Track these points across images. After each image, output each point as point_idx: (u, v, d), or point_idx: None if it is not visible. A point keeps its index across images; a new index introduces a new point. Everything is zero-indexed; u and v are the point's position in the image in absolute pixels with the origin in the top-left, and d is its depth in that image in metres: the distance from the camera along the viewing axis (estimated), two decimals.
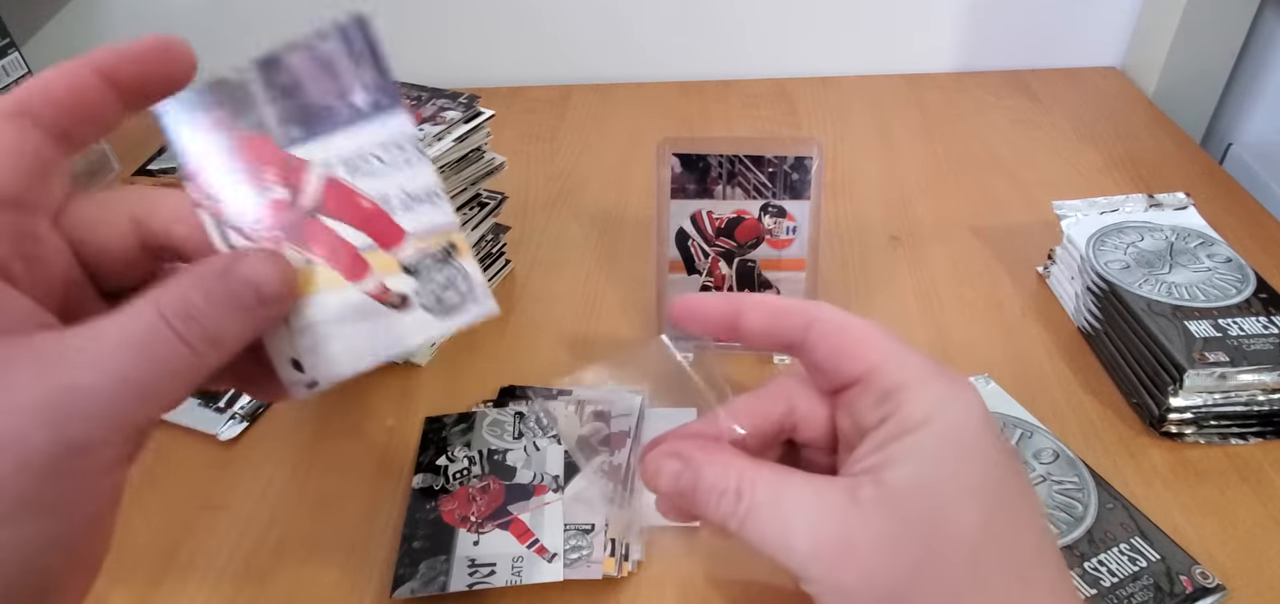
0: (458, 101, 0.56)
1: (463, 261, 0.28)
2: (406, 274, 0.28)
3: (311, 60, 0.28)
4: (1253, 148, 0.78)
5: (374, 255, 0.27)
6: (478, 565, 0.40)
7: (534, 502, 0.42)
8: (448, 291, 0.28)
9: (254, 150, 0.27)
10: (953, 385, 0.26)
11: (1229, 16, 0.77)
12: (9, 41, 0.70)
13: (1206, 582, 0.38)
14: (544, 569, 0.39)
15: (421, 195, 0.27)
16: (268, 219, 0.27)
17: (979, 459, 0.25)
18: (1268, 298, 0.48)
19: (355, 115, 0.27)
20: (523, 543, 0.40)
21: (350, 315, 0.28)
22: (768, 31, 0.88)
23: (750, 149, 0.49)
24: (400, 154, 0.27)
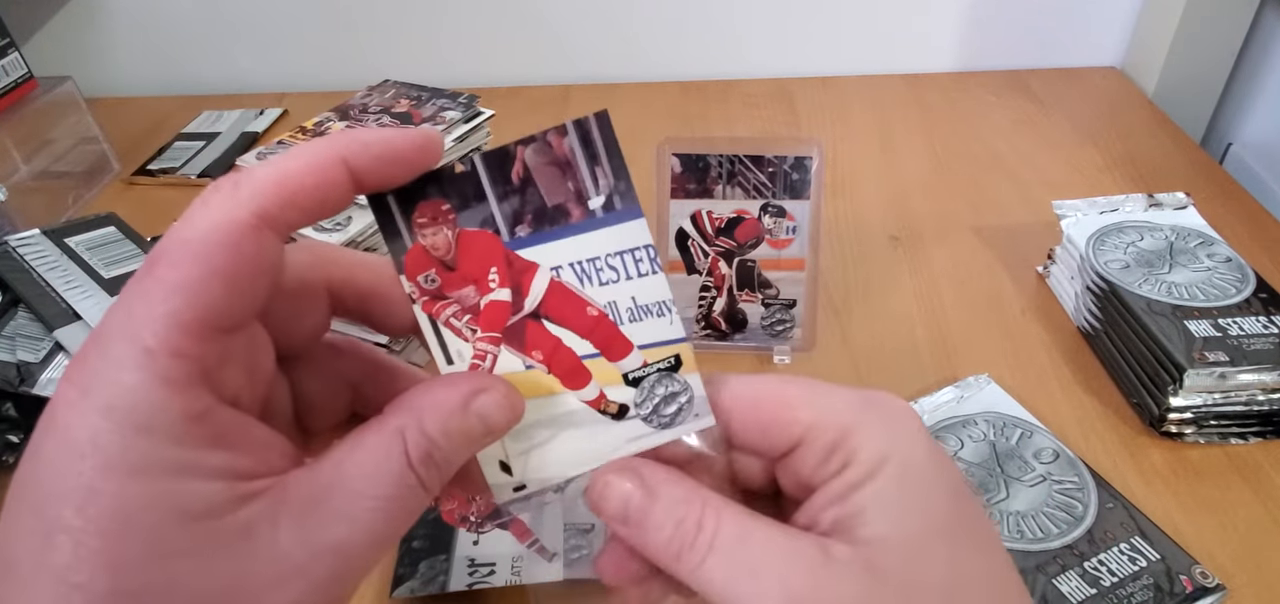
0: (458, 101, 0.56)
1: (687, 376, 0.27)
2: (628, 385, 0.27)
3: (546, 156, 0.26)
4: (1253, 147, 0.78)
5: (596, 364, 0.26)
6: (477, 565, 0.40)
7: (533, 501, 0.42)
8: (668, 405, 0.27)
9: (482, 249, 0.26)
10: (894, 417, 0.24)
11: (1229, 16, 0.77)
12: (9, 41, 0.70)
13: (1206, 581, 0.38)
14: (544, 569, 0.39)
15: (652, 307, 0.26)
16: (487, 321, 0.26)
17: (938, 495, 0.24)
18: (1267, 297, 0.48)
19: (590, 218, 0.25)
20: (522, 542, 0.40)
21: (564, 422, 0.27)
22: (768, 31, 0.88)
23: (750, 149, 0.49)
24: (635, 263, 0.26)
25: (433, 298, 0.25)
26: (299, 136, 0.53)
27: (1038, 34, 0.87)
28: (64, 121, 0.74)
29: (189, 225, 0.20)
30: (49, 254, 0.56)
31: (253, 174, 0.21)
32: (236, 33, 0.90)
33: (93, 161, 0.77)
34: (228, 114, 0.86)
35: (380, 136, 0.22)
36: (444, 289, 0.25)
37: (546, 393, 0.26)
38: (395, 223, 0.25)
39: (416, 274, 0.25)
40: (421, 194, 0.25)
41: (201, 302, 0.19)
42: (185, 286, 0.19)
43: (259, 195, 0.20)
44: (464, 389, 0.23)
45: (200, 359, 0.19)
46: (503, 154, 0.25)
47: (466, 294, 0.26)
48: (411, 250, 0.25)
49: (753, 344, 0.53)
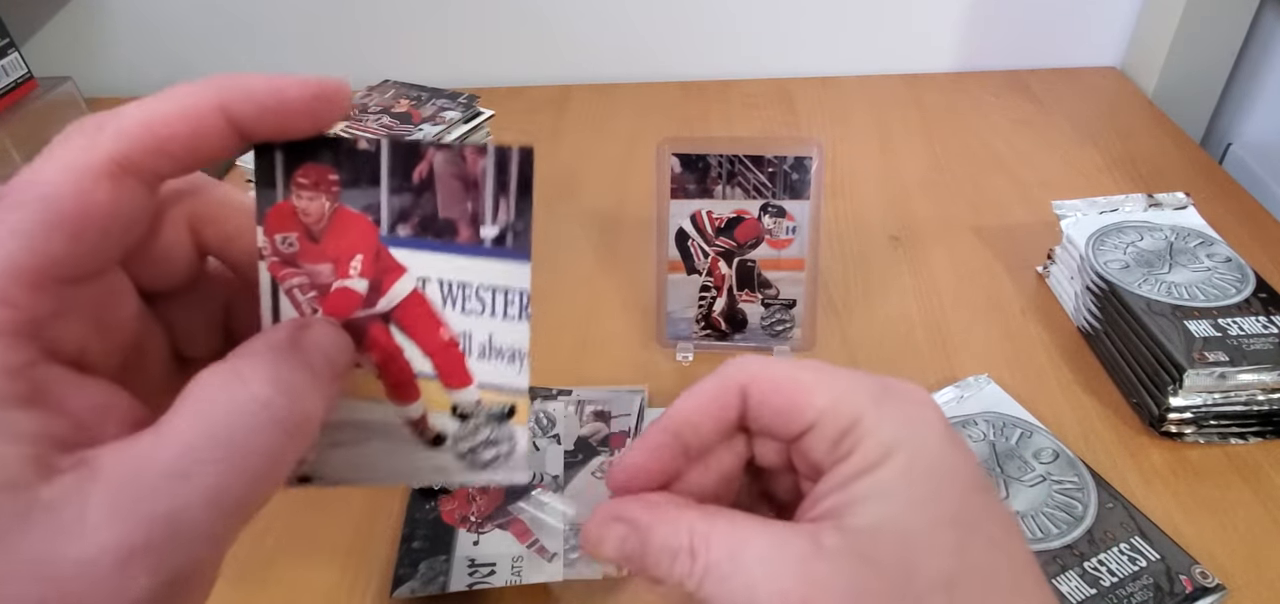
0: (458, 101, 0.56)
1: (515, 427, 0.26)
2: (454, 417, 0.26)
3: (455, 168, 0.25)
4: (1252, 148, 0.78)
5: (429, 386, 0.25)
6: (478, 565, 0.40)
7: (534, 499, 0.42)
8: (487, 449, 0.26)
9: (352, 231, 0.24)
10: (910, 407, 0.24)
11: (1229, 16, 0.77)
12: (9, 41, 0.70)
13: (1206, 581, 0.38)
14: (544, 569, 0.39)
15: (506, 351, 0.25)
16: (332, 306, 0.24)
17: (949, 486, 0.23)
18: (1267, 297, 0.48)
19: (476, 245, 0.24)
20: (522, 543, 0.40)
21: (374, 431, 0.26)
22: (768, 31, 0.88)
23: (750, 149, 0.49)
24: (506, 304, 0.25)
25: (283, 262, 0.24)
26: None
27: (1038, 34, 0.87)
28: (64, 122, 0.73)
29: (40, 167, 0.19)
30: None
31: (119, 116, 0.19)
32: (236, 33, 0.90)
33: None
34: None
35: (268, 84, 0.20)
36: (299, 257, 0.24)
37: (365, 396, 0.25)
38: (273, 173, 0.23)
39: (275, 232, 0.24)
40: (312, 154, 0.23)
41: (40, 249, 0.18)
42: (24, 232, 0.18)
43: (121, 139, 0.19)
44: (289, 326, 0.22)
45: (31, 309, 0.18)
46: (412, 148, 0.24)
47: (321, 271, 0.24)
48: (279, 206, 0.23)
49: (752, 344, 0.53)
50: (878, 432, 0.23)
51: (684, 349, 0.53)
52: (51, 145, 0.19)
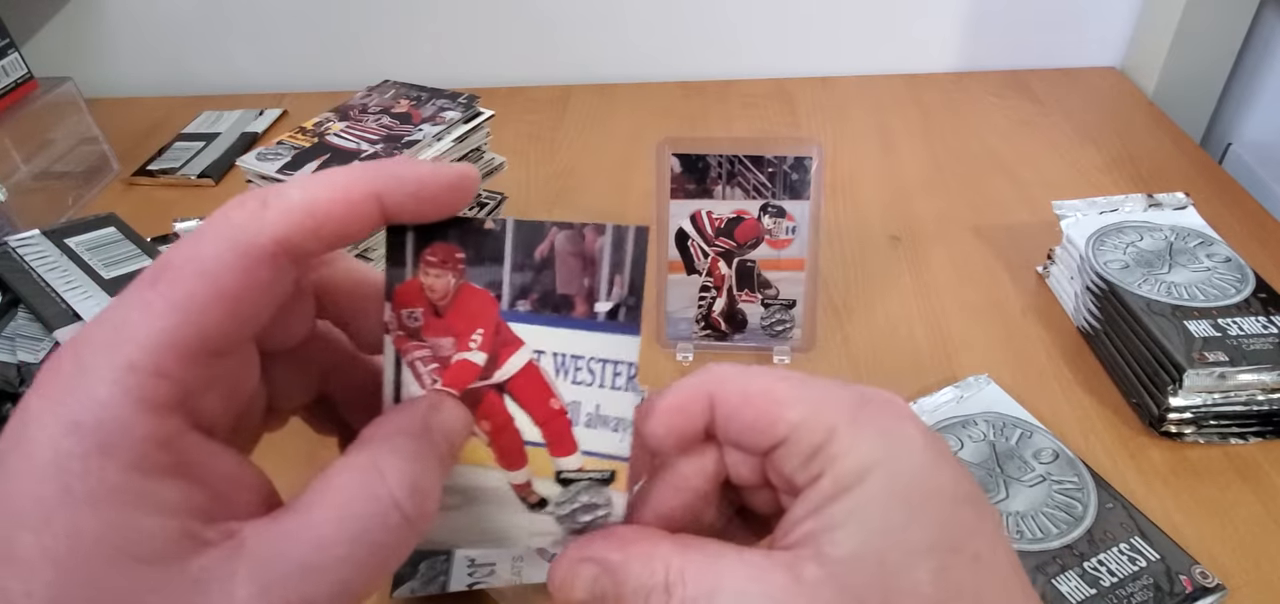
0: (458, 101, 0.56)
1: (614, 492, 0.27)
2: (557, 482, 0.27)
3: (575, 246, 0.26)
4: (1252, 148, 0.78)
5: (536, 452, 0.26)
6: (478, 565, 0.39)
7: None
8: (585, 512, 0.27)
9: (475, 306, 0.25)
10: (888, 421, 0.23)
11: (1229, 16, 0.77)
12: (9, 42, 0.70)
13: (1206, 581, 0.38)
14: (544, 569, 0.39)
15: (610, 420, 0.26)
16: (451, 377, 0.25)
17: (930, 505, 0.22)
18: (1267, 297, 0.48)
19: (590, 319, 0.25)
20: None
21: (480, 496, 0.27)
22: (768, 31, 0.88)
23: (750, 149, 0.49)
24: (613, 375, 0.26)
25: (408, 335, 0.25)
26: (299, 137, 0.53)
27: (1038, 34, 0.87)
28: (64, 122, 0.74)
29: (203, 240, 0.19)
30: (49, 254, 0.56)
31: (282, 196, 0.20)
32: (236, 33, 0.90)
33: (93, 162, 0.77)
34: (227, 114, 0.86)
35: (416, 174, 0.21)
36: (423, 331, 0.25)
37: (476, 462, 0.26)
38: (404, 252, 0.24)
39: (402, 307, 0.25)
40: (440, 234, 0.24)
41: (198, 324, 0.18)
42: (183, 306, 0.18)
43: (284, 221, 0.19)
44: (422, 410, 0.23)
45: (183, 382, 0.18)
46: (536, 228, 0.25)
47: (443, 344, 0.25)
48: (408, 283, 0.25)
49: (752, 344, 0.53)
50: (853, 450, 0.22)
51: (684, 349, 0.53)
52: (214, 218, 0.19)
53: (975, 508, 0.23)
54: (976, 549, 0.22)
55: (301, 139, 0.53)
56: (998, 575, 0.23)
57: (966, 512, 0.23)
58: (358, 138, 0.53)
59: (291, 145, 0.52)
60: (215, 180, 0.75)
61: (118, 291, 0.59)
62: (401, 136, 0.52)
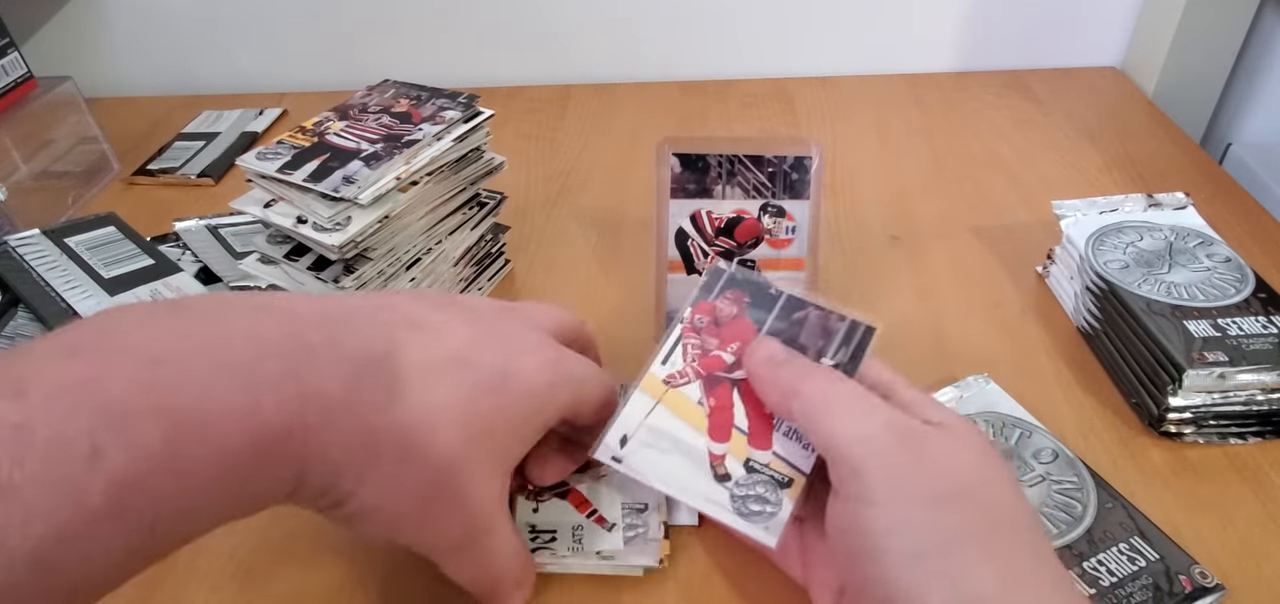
0: (458, 101, 0.56)
1: (785, 497, 0.33)
2: (743, 468, 0.34)
3: (822, 321, 0.38)
4: (1252, 148, 0.78)
5: (738, 437, 0.35)
6: (539, 532, 0.40)
7: (590, 474, 0.42)
8: (753, 503, 0.34)
9: (740, 330, 0.38)
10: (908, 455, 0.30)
11: (1229, 16, 0.77)
12: (9, 41, 0.70)
13: (1206, 581, 0.38)
14: (604, 538, 0.39)
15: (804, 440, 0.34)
16: (705, 363, 0.38)
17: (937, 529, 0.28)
18: (1267, 297, 0.48)
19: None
20: (582, 512, 0.41)
21: (683, 451, 0.36)
22: (768, 31, 0.88)
23: (750, 149, 0.49)
24: None
25: (692, 329, 0.39)
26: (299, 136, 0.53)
27: (1038, 34, 0.87)
28: (64, 121, 0.74)
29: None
30: (49, 254, 0.56)
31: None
32: (236, 33, 0.90)
33: (93, 161, 0.77)
34: (228, 114, 0.86)
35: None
36: (703, 331, 0.39)
37: (692, 424, 0.36)
38: (715, 285, 0.40)
39: (697, 313, 0.40)
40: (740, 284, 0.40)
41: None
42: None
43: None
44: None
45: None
46: (800, 303, 0.38)
47: (710, 343, 0.38)
48: (706, 302, 0.40)
49: None
50: (872, 496, 0.29)
51: None
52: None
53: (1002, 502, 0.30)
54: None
55: (301, 138, 0.53)
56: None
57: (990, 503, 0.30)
58: (358, 137, 0.53)
59: (291, 145, 0.52)
60: (215, 180, 0.75)
61: (118, 291, 0.59)
62: (401, 136, 0.52)
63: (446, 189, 0.54)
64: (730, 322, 0.38)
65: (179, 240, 0.62)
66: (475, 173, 0.56)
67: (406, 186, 0.50)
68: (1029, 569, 0.28)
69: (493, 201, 0.58)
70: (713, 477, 0.35)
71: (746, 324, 0.38)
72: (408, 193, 0.50)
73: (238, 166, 0.70)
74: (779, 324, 0.37)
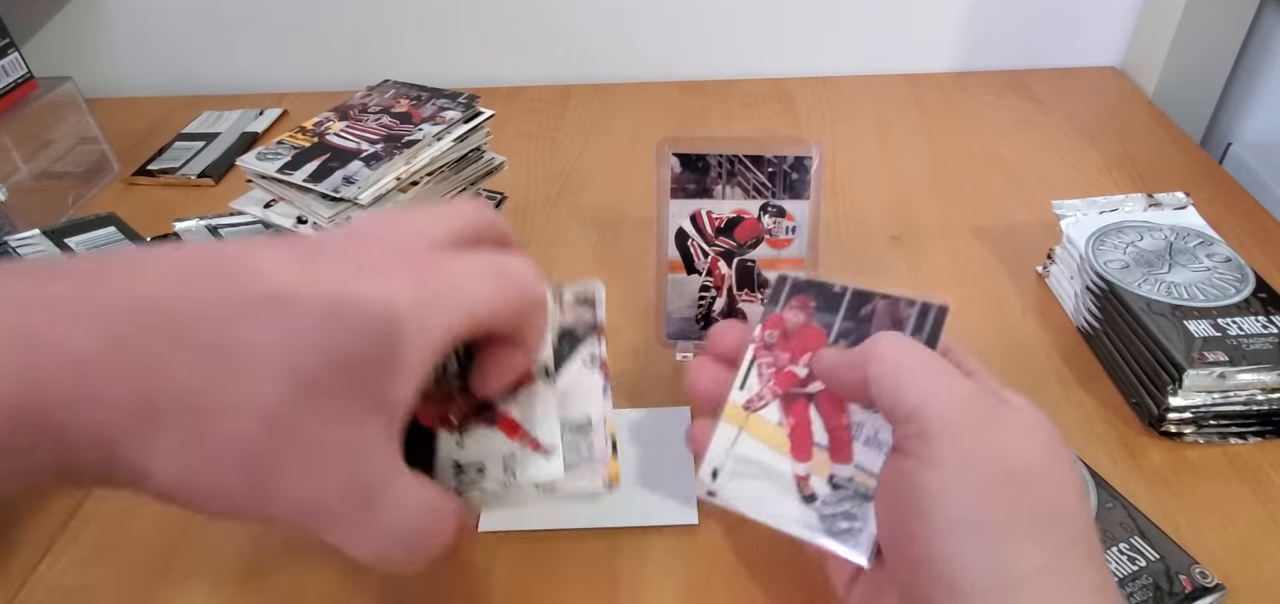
0: (458, 101, 0.56)
1: (870, 510, 0.32)
2: (829, 485, 0.33)
3: (890, 311, 0.36)
4: (1252, 147, 0.78)
5: (819, 454, 0.34)
6: (464, 467, 0.33)
7: (522, 393, 0.35)
8: (841, 520, 0.32)
9: (810, 338, 0.36)
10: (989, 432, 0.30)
11: (1229, 16, 0.77)
12: (9, 42, 0.70)
13: (1206, 581, 0.38)
14: (541, 466, 0.33)
15: (885, 446, 0.33)
16: (780, 379, 0.36)
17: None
18: (1267, 297, 0.48)
19: None
20: (512, 438, 0.34)
21: (770, 475, 0.34)
22: (768, 31, 0.88)
23: (750, 149, 0.49)
24: None
25: (764, 347, 0.37)
26: (299, 137, 0.53)
27: (1038, 34, 0.87)
28: (64, 121, 0.74)
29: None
30: (49, 254, 0.56)
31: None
32: (236, 33, 0.90)
33: (93, 161, 0.77)
34: (228, 114, 0.86)
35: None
36: (774, 347, 0.37)
37: (775, 447, 0.35)
38: (780, 294, 0.38)
39: (767, 329, 0.37)
40: (805, 288, 0.38)
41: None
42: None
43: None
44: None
45: None
46: (866, 296, 0.36)
47: (782, 357, 0.37)
48: (775, 316, 0.38)
49: None
50: (936, 457, 0.29)
51: (684, 349, 0.53)
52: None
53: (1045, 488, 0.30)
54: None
55: (301, 139, 0.53)
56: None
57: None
58: (358, 137, 0.53)
59: (291, 145, 0.52)
60: (215, 180, 0.75)
61: None
62: (402, 136, 0.52)
63: (447, 189, 0.54)
64: (799, 331, 0.37)
65: (179, 241, 0.62)
66: (475, 173, 0.56)
67: (407, 186, 0.50)
68: (1074, 566, 0.28)
69: (493, 201, 0.58)
70: (800, 499, 0.34)
71: (815, 331, 0.37)
72: (408, 193, 0.50)
73: (238, 167, 0.70)
74: (847, 324, 0.36)
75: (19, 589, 0.42)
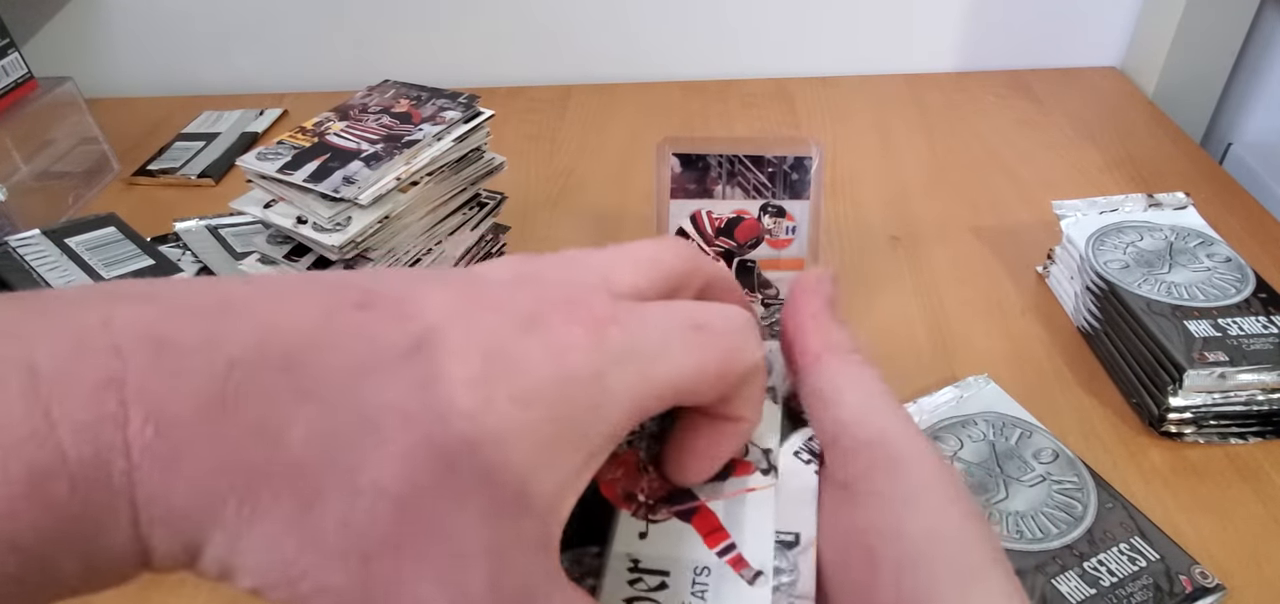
0: (458, 101, 0.56)
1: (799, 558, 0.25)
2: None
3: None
4: (1253, 147, 0.78)
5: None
6: (643, 572, 0.25)
7: (731, 484, 0.26)
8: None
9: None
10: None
11: (1229, 16, 0.77)
12: (9, 42, 0.70)
13: (1206, 581, 0.38)
14: (742, 592, 0.24)
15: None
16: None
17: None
18: (1267, 297, 0.48)
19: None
20: (711, 546, 0.25)
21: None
22: (768, 31, 0.88)
23: (750, 149, 0.49)
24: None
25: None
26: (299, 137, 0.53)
27: (1038, 34, 0.87)
28: (64, 122, 0.74)
29: None
30: (49, 254, 0.56)
31: None
32: (236, 33, 0.90)
33: (93, 161, 0.77)
34: (228, 114, 0.86)
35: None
36: None
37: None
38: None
39: None
40: None
41: None
42: None
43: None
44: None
45: None
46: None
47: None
48: None
49: None
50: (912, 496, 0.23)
51: None
52: None
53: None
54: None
55: (301, 139, 0.53)
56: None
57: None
58: (358, 137, 0.53)
59: (292, 145, 0.52)
60: (215, 180, 0.75)
61: None
62: (402, 136, 0.52)
63: (447, 189, 0.54)
64: None
65: (179, 241, 0.62)
66: (475, 173, 0.56)
67: (407, 187, 0.50)
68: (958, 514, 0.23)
69: (493, 202, 0.58)
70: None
71: None
72: (408, 193, 0.50)
73: (238, 167, 0.70)
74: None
75: None
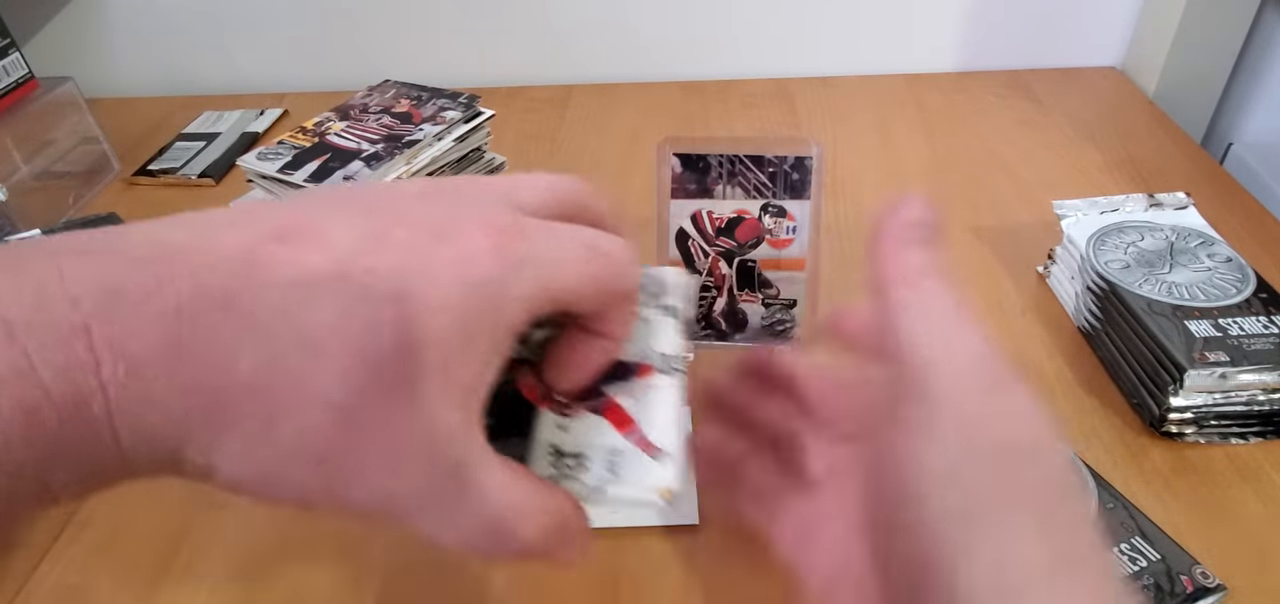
0: (458, 101, 0.56)
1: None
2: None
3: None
4: (1253, 147, 0.78)
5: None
6: (563, 455, 0.29)
7: (637, 384, 0.31)
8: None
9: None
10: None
11: (1229, 16, 0.77)
12: (9, 42, 0.70)
13: (1207, 581, 0.38)
14: (649, 469, 0.28)
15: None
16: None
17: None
18: (1268, 297, 0.48)
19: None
20: (622, 432, 0.30)
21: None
22: (768, 31, 0.88)
23: (750, 149, 0.49)
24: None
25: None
26: (299, 137, 0.53)
27: (1038, 34, 0.87)
28: (64, 121, 0.74)
29: None
30: None
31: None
32: (236, 33, 0.90)
33: (93, 161, 0.77)
34: (228, 114, 0.86)
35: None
36: None
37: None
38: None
39: None
40: None
41: None
42: None
43: None
44: None
45: None
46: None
47: None
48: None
49: (753, 344, 0.53)
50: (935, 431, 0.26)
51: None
52: None
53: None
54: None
55: (302, 139, 0.53)
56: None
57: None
58: (358, 137, 0.53)
59: (292, 145, 0.52)
60: (216, 180, 0.75)
61: None
62: (402, 136, 0.52)
63: None
64: None
65: None
66: (476, 173, 0.56)
67: None
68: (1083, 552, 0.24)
69: None
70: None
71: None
72: None
73: (238, 167, 0.70)
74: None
75: (19, 590, 0.42)
